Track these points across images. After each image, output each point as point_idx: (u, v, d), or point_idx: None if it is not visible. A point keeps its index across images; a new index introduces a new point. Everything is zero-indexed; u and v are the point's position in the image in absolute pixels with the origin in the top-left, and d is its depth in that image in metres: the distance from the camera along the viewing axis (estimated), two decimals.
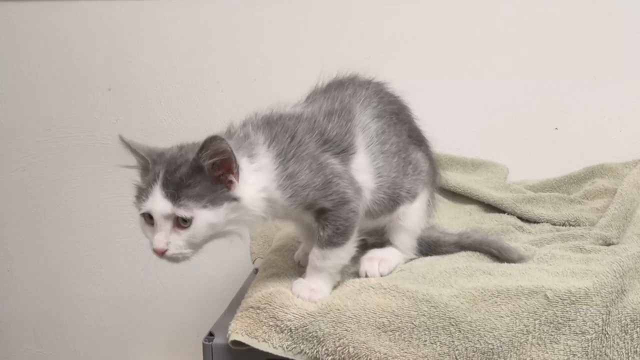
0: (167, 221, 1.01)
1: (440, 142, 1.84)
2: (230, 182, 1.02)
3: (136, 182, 1.07)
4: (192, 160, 1.00)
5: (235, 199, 1.03)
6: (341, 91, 1.22)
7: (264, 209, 1.07)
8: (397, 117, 1.25)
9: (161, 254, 1.02)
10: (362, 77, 1.28)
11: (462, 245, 1.29)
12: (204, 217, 1.01)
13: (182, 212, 1.00)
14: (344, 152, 1.14)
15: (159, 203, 1.00)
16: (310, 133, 1.11)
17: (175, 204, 1.00)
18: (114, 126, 1.98)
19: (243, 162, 1.05)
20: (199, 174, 1.01)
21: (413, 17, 1.88)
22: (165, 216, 1.00)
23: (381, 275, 1.18)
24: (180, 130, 1.96)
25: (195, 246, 1.04)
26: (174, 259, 1.03)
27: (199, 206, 1.00)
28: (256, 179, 1.05)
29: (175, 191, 1.00)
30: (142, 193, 1.03)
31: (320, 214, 1.10)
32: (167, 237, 1.01)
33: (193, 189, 1.00)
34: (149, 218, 1.03)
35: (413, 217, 1.25)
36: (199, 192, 1.00)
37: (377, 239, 1.31)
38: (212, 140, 0.98)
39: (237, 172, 1.02)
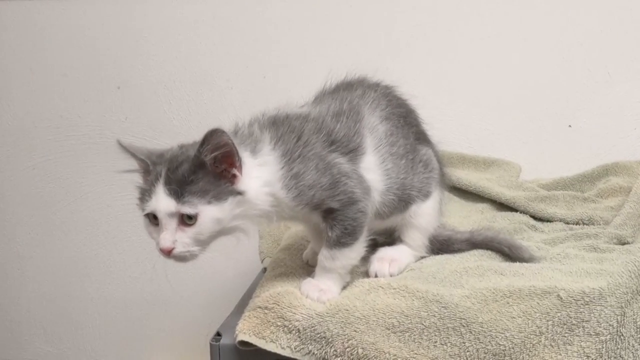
0: (172, 219, 1.00)
1: (452, 140, 1.85)
2: (234, 176, 1.01)
3: (138, 184, 1.07)
4: (193, 157, 1.00)
5: (239, 193, 1.02)
6: (350, 92, 1.21)
7: (270, 203, 1.06)
8: (404, 120, 1.24)
9: (168, 253, 1.01)
10: (371, 79, 1.27)
11: (473, 242, 1.27)
12: (209, 212, 1.00)
13: (187, 209, 0.99)
14: (352, 152, 1.13)
15: (162, 202, 1.00)
16: (317, 133, 1.10)
17: (179, 202, 0.99)
18: (123, 124, 1.98)
19: (246, 156, 1.04)
20: (202, 169, 1.00)
21: (424, 15, 1.86)
22: (169, 214, 1.00)
23: (391, 276, 1.16)
24: (190, 128, 1.95)
25: (202, 243, 1.03)
26: (182, 258, 1.02)
27: (204, 202, 0.99)
28: (260, 172, 1.04)
29: (178, 188, 0.99)
30: (145, 193, 1.02)
31: (328, 214, 1.09)
32: (173, 236, 1.00)
33: (196, 185, 0.99)
34: (153, 218, 1.02)
35: (426, 215, 1.24)
36: (202, 187, 0.99)
37: (386, 238, 1.29)
38: (212, 133, 0.97)
39: (240, 166, 1.01)
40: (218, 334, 1.09)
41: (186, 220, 1.00)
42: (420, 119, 1.30)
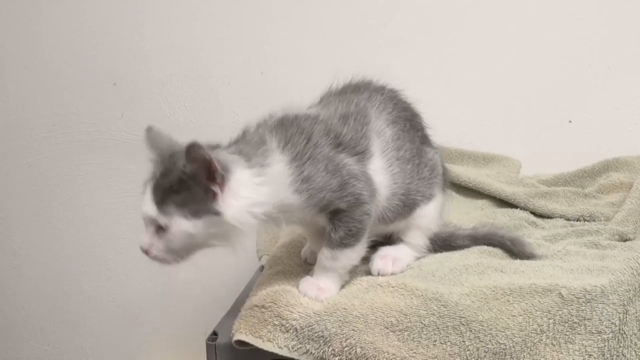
0: (151, 224, 1.00)
1: (452, 136, 1.83)
2: (215, 193, 0.98)
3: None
4: (177, 168, 0.97)
5: (216, 213, 0.98)
6: (356, 95, 1.19)
7: (251, 225, 1.02)
8: (410, 124, 1.23)
9: (146, 253, 1.01)
10: (377, 82, 1.25)
11: (475, 237, 1.26)
12: (179, 226, 0.98)
13: (161, 219, 0.98)
14: (360, 155, 1.11)
15: (146, 205, 0.99)
16: (326, 135, 1.09)
17: (158, 209, 0.98)
18: (119, 121, 1.97)
19: (246, 174, 1.00)
20: (189, 181, 0.97)
21: (424, 9, 1.85)
22: (148, 219, 0.99)
23: (392, 274, 1.15)
24: (187, 124, 1.94)
25: (176, 254, 1.01)
26: (159, 261, 1.02)
27: (179, 215, 0.97)
28: (253, 193, 1.00)
29: (161, 197, 0.98)
30: (143, 190, 1.02)
31: (334, 215, 1.08)
32: (150, 239, 1.00)
33: (178, 195, 0.98)
34: None
35: (428, 217, 1.23)
36: (183, 199, 0.98)
37: (385, 239, 1.28)
38: (190, 147, 0.94)
39: (223, 183, 0.98)
40: (214, 333, 1.08)
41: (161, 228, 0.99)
42: (425, 123, 1.29)
